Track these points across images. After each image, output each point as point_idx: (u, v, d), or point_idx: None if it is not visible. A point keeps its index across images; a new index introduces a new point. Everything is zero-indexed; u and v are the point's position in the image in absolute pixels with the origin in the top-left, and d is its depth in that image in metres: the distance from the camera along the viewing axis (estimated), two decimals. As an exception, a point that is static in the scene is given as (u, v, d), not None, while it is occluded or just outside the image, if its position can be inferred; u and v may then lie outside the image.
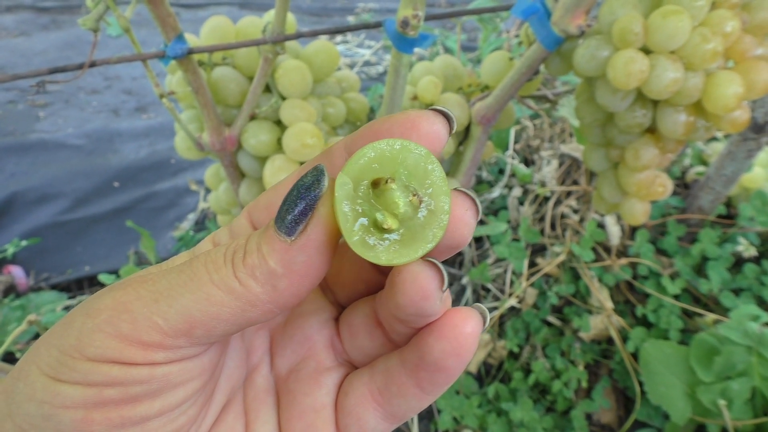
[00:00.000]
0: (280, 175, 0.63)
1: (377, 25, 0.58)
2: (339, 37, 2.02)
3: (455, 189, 0.23)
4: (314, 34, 0.60)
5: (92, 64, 0.56)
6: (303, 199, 0.21)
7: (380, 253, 0.21)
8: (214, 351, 0.24)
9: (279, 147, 0.65)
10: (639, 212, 0.63)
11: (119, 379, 0.21)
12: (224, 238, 0.27)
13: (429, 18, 0.57)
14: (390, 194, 0.22)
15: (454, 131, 0.24)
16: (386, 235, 0.22)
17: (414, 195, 0.22)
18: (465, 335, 0.22)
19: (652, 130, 0.56)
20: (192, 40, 0.63)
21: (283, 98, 0.64)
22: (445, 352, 0.23)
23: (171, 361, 0.22)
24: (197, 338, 0.22)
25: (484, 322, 0.23)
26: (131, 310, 0.21)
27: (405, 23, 0.53)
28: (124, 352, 0.21)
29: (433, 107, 0.23)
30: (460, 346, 0.22)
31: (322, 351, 0.28)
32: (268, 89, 0.66)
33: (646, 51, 0.49)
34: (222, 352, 0.26)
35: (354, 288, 0.29)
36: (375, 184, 0.22)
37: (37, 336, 1.03)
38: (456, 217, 0.22)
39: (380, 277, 0.28)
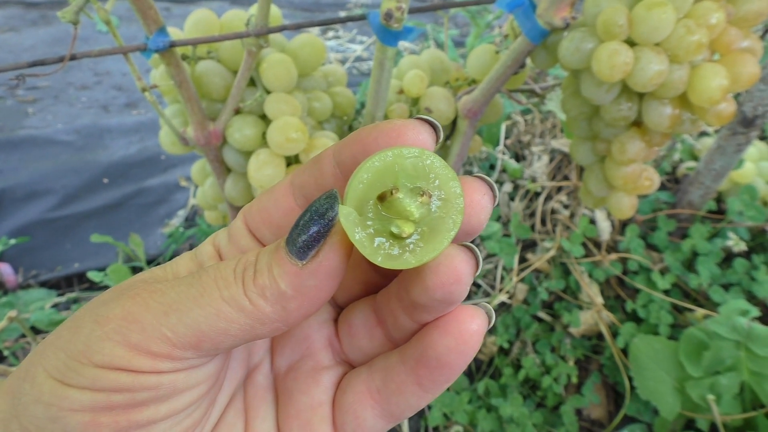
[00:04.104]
0: (264, 169, 0.62)
1: (361, 18, 0.58)
2: (331, 33, 2.01)
3: (473, 175, 0.23)
4: (298, 27, 0.59)
5: (73, 58, 0.56)
6: (315, 225, 0.22)
7: (409, 258, 0.21)
8: (219, 358, 0.25)
9: (264, 141, 0.64)
10: (626, 206, 0.62)
11: (127, 386, 0.21)
12: (223, 240, 0.28)
13: (414, 10, 0.57)
14: (399, 203, 0.22)
15: (440, 140, 0.24)
16: (408, 241, 0.22)
17: (422, 194, 0.22)
18: (470, 332, 0.23)
19: (638, 124, 0.56)
20: (175, 33, 0.62)
21: (268, 92, 0.64)
22: (449, 348, 0.23)
23: (178, 370, 0.22)
24: (204, 351, 0.22)
25: (490, 321, 0.23)
26: (141, 321, 0.22)
27: (389, 15, 0.52)
28: (133, 360, 0.21)
29: (419, 116, 0.24)
30: (464, 343, 0.23)
31: (320, 350, 0.28)
32: (252, 83, 0.65)
33: (631, 43, 0.49)
34: (227, 357, 0.26)
35: (353, 290, 0.29)
36: (381, 198, 0.22)
37: (24, 335, 1.03)
38: (474, 201, 0.22)
39: (379, 278, 0.28)
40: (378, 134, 0.23)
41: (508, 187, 1.11)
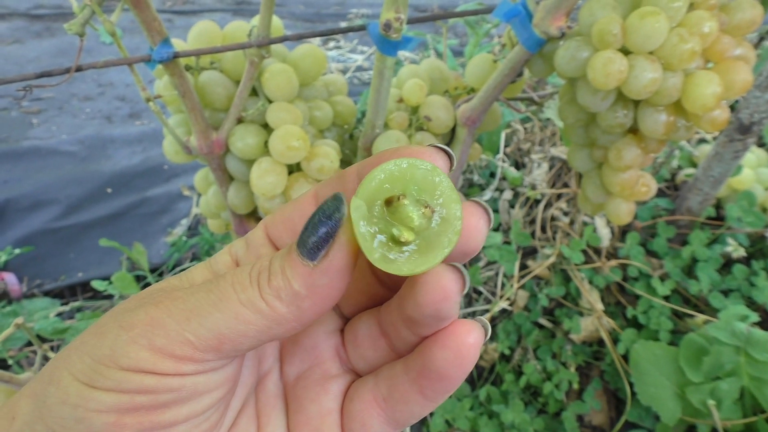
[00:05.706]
0: (266, 177, 0.63)
1: (361, 28, 0.59)
2: (332, 43, 2.03)
3: (469, 199, 0.24)
4: (299, 38, 0.60)
5: (78, 69, 0.57)
6: (324, 226, 0.23)
7: (401, 265, 0.22)
8: (236, 362, 0.26)
9: (266, 150, 0.65)
10: (624, 212, 0.63)
11: (151, 388, 0.23)
12: (240, 250, 0.29)
13: (412, 21, 0.58)
14: (403, 209, 0.23)
15: (454, 167, 0.25)
16: (405, 248, 0.23)
17: (426, 207, 0.23)
18: (467, 346, 0.24)
19: (634, 130, 0.57)
20: (179, 44, 0.63)
21: (270, 101, 0.65)
22: (447, 361, 0.24)
23: (199, 373, 0.23)
24: (225, 353, 0.24)
25: (486, 334, 0.25)
26: (164, 326, 0.23)
27: (387, 26, 0.53)
28: (157, 363, 0.23)
29: (434, 144, 0.25)
30: (462, 356, 0.24)
31: (329, 359, 0.29)
32: (255, 93, 0.66)
33: (625, 52, 0.50)
34: (240, 363, 0.27)
35: (358, 301, 0.30)
36: (388, 202, 0.23)
37: (30, 343, 1.03)
38: (470, 225, 0.24)
39: (384, 290, 0.29)
40: (398, 156, 0.24)
41: (508, 194, 1.12)
